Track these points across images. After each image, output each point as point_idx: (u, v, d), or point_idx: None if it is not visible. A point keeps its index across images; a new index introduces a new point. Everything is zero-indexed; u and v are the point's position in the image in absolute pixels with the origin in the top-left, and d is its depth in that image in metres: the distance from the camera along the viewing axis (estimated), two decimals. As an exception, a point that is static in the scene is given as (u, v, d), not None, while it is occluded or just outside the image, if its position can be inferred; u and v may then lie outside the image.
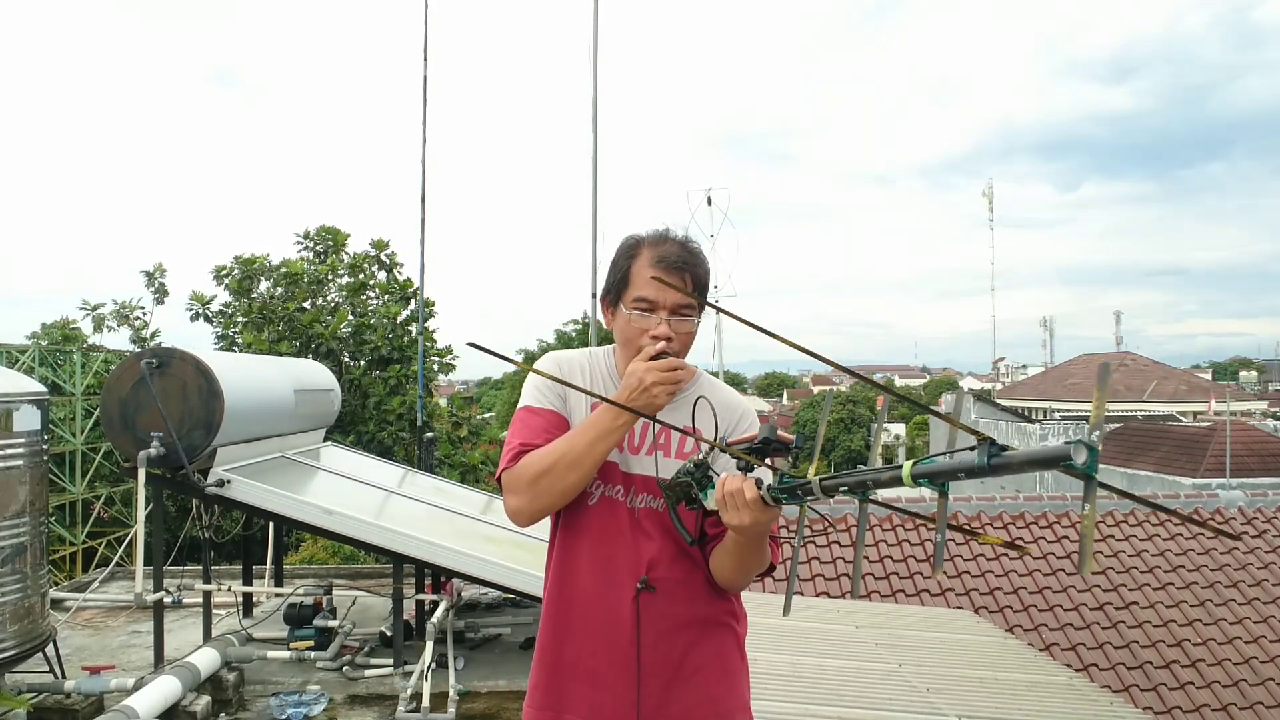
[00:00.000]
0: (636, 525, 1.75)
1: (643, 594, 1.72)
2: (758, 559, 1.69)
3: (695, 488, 1.57)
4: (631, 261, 1.77)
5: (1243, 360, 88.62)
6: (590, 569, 1.75)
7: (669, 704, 1.73)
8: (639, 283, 1.74)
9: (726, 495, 1.49)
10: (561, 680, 1.76)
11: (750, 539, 1.60)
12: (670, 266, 1.73)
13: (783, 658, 3.88)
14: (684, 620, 1.76)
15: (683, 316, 1.74)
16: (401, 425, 11.66)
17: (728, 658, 1.82)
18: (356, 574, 8.85)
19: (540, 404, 1.81)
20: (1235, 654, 6.35)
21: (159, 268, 13.55)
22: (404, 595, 5.59)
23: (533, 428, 1.78)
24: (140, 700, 4.33)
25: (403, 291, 12.58)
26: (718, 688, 1.79)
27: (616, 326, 1.80)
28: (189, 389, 5.22)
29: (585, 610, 1.75)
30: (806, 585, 7.16)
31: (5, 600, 4.57)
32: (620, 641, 1.72)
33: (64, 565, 10.88)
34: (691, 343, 1.79)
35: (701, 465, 1.57)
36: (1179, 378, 30.06)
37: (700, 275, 1.77)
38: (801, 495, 1.42)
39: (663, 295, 1.72)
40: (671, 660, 1.74)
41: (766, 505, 1.47)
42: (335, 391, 7.73)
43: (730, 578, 1.75)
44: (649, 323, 1.73)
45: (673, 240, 1.78)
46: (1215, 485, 10.34)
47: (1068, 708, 3.57)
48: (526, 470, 1.72)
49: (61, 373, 11.79)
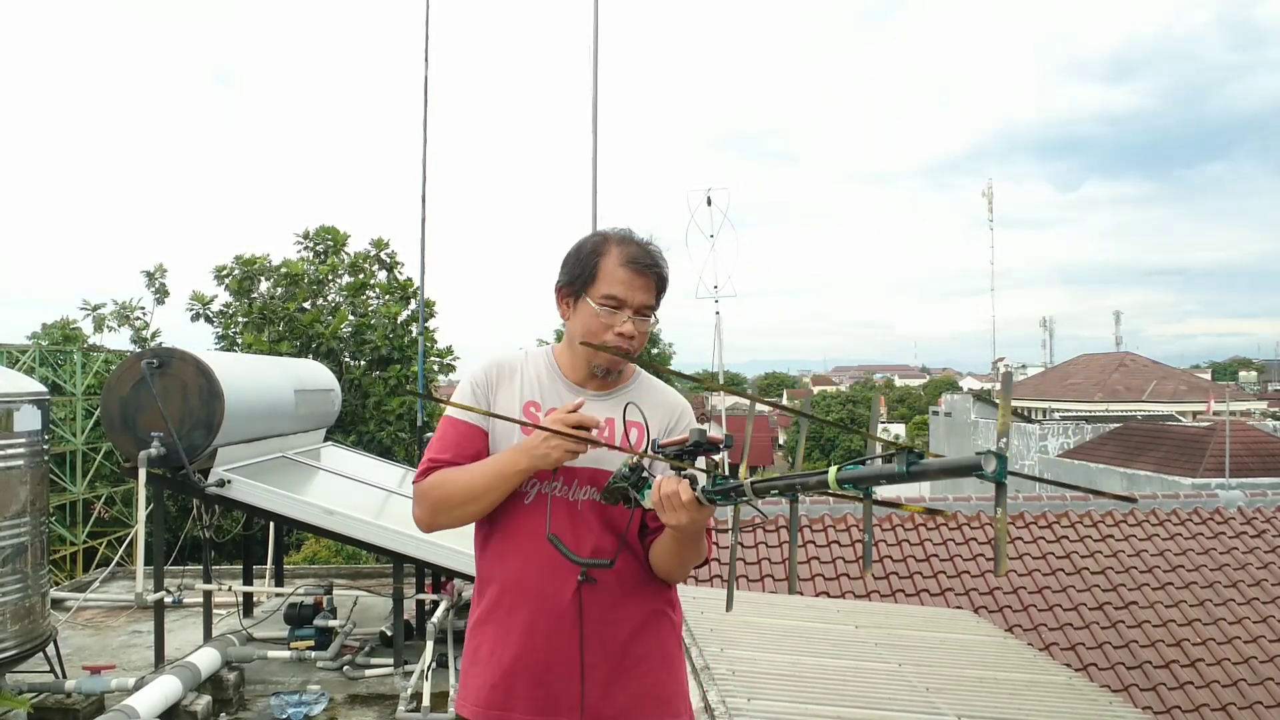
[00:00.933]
0: (577, 517, 1.78)
1: (584, 585, 1.75)
2: (695, 552, 1.76)
3: (633, 490, 1.63)
4: (600, 259, 1.80)
5: (1242, 360, 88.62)
6: (530, 564, 1.78)
7: (613, 695, 1.77)
8: (608, 280, 1.78)
9: (663, 497, 1.57)
10: (508, 679, 1.77)
11: (688, 535, 1.67)
12: (641, 267, 1.78)
13: (783, 658, 3.88)
14: (625, 611, 1.80)
15: (644, 317, 1.81)
16: (401, 425, 11.68)
17: (668, 647, 1.86)
18: (357, 574, 8.86)
19: (460, 415, 1.85)
20: (1234, 654, 6.36)
21: (159, 268, 13.57)
22: (404, 595, 5.59)
23: (445, 441, 1.83)
24: (141, 700, 4.33)
25: (403, 291, 12.59)
26: (660, 676, 1.83)
27: (577, 319, 1.83)
28: (189, 389, 5.22)
29: (528, 605, 1.77)
30: (806, 585, 7.16)
31: (6, 600, 4.57)
32: (563, 634, 1.75)
33: (64, 565, 10.89)
34: (646, 340, 1.85)
35: (636, 468, 1.63)
36: (1179, 378, 30.04)
37: (664, 279, 1.85)
38: (735, 496, 1.49)
39: (631, 295, 1.78)
40: (614, 651, 1.78)
41: (701, 505, 1.54)
42: (335, 391, 7.73)
43: (668, 570, 1.82)
44: (615, 320, 1.78)
45: (639, 242, 1.84)
46: (1215, 485, 10.34)
47: (1067, 707, 3.58)
48: (431, 491, 1.79)
49: (62, 373, 11.80)
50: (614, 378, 1.88)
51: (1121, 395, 27.42)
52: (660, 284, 1.83)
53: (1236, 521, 8.05)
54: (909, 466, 1.22)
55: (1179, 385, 28.58)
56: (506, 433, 1.83)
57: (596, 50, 7.93)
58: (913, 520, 8.00)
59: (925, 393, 59.27)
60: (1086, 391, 28.50)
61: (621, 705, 1.77)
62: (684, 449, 1.55)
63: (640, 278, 1.78)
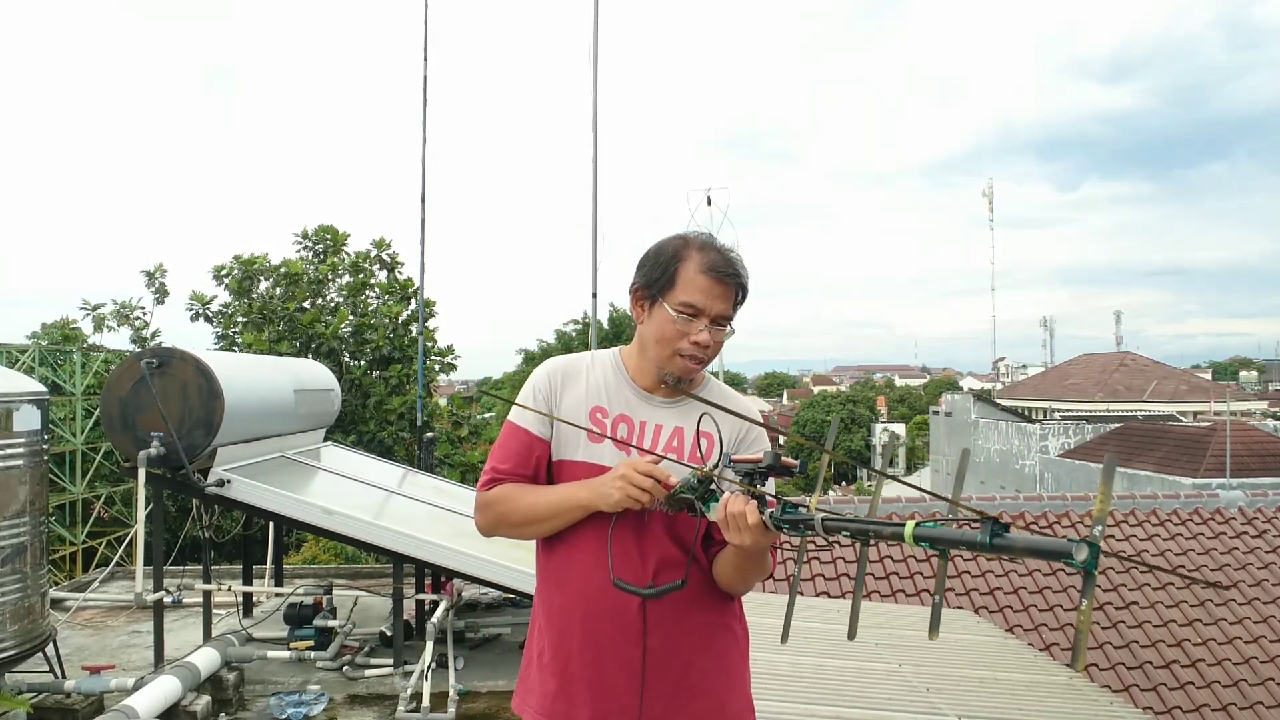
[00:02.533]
0: (643, 528, 1.74)
1: (648, 600, 1.71)
2: (758, 568, 1.73)
3: (699, 501, 1.59)
4: (680, 264, 1.74)
5: (1243, 360, 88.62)
6: (595, 576, 1.73)
7: (674, 710, 1.73)
8: (688, 287, 1.73)
9: (730, 516, 1.52)
10: (570, 687, 1.75)
11: (751, 553, 1.63)
12: (722, 276, 1.73)
13: (783, 658, 3.88)
14: (689, 625, 1.76)
15: (720, 326, 1.76)
16: (402, 425, 11.67)
17: (731, 663, 1.82)
18: (356, 574, 8.85)
19: (521, 421, 1.81)
20: (1235, 654, 6.35)
21: (159, 268, 13.56)
22: (404, 595, 5.59)
23: (508, 449, 1.81)
24: (140, 700, 4.33)
25: (403, 291, 12.59)
26: (723, 694, 1.79)
27: (652, 324, 1.77)
28: (189, 389, 5.22)
29: (591, 617, 1.74)
30: (806, 586, 7.16)
31: (5, 600, 4.57)
32: (626, 648, 1.72)
33: (64, 565, 10.88)
34: (719, 351, 1.81)
35: (705, 480, 1.58)
36: (1179, 378, 30.04)
37: (745, 289, 1.79)
38: (803, 529, 1.45)
39: (709, 304, 1.72)
40: (677, 666, 1.74)
41: (767, 529, 1.50)
42: (335, 391, 7.72)
43: (731, 583, 1.78)
44: (692, 328, 1.73)
45: (721, 249, 1.78)
46: (1215, 485, 10.34)
47: (1067, 708, 3.58)
48: (494, 505, 1.79)
49: (61, 373, 11.79)
50: (686, 385, 1.81)
51: (1122, 395, 27.42)
52: (740, 294, 1.78)
53: (1237, 521, 8.04)
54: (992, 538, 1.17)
55: (1179, 385, 28.58)
56: (572, 440, 1.79)
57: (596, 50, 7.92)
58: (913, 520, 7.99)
59: (925, 393, 59.26)
60: (1087, 391, 28.49)
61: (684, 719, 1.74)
62: (756, 469, 1.52)
63: (720, 286, 1.73)
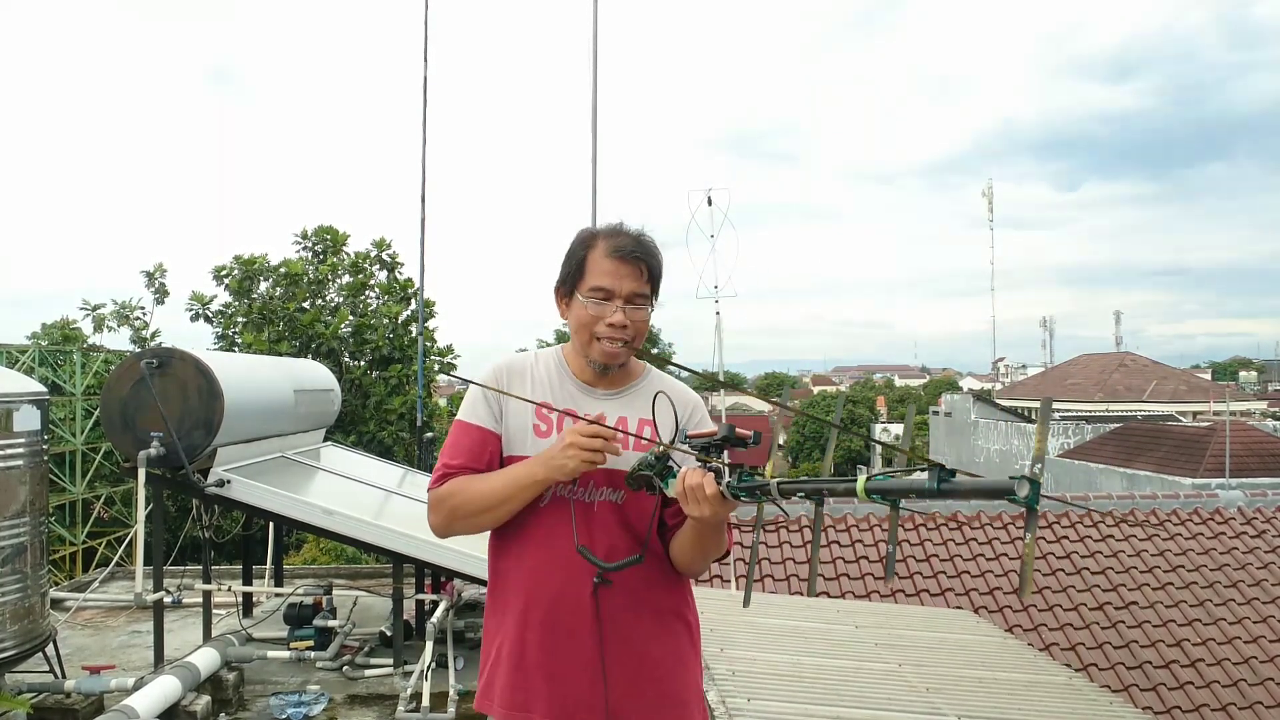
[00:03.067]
0: (594, 519, 1.78)
1: (601, 588, 1.75)
2: (715, 544, 1.76)
3: (657, 478, 1.64)
4: (587, 252, 1.81)
5: (1242, 360, 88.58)
6: (547, 566, 1.78)
7: (632, 697, 1.77)
8: (595, 272, 1.78)
9: (688, 489, 1.56)
10: (529, 679, 1.78)
11: (709, 527, 1.68)
12: (626, 256, 1.77)
13: (783, 658, 3.88)
14: (642, 612, 1.80)
15: (637, 305, 1.79)
16: (402, 425, 11.67)
17: (683, 650, 1.87)
18: (356, 574, 8.85)
19: (471, 418, 1.85)
20: (1234, 654, 6.35)
21: (159, 268, 13.59)
22: (404, 595, 5.59)
23: (459, 446, 1.83)
24: (140, 700, 4.33)
25: (403, 291, 12.59)
26: (677, 681, 1.83)
27: (572, 315, 1.83)
28: (189, 389, 5.22)
29: (546, 607, 1.77)
30: (805, 585, 7.16)
31: (5, 600, 4.57)
32: (581, 637, 1.75)
33: (64, 565, 10.89)
34: (646, 330, 1.84)
35: (663, 458, 1.64)
36: (1179, 378, 30.01)
37: (654, 266, 1.82)
38: (760, 495, 1.49)
39: (618, 284, 1.77)
40: (632, 654, 1.78)
41: (725, 500, 1.54)
42: (335, 391, 7.72)
43: (689, 561, 1.82)
44: (605, 311, 1.77)
45: (627, 232, 1.83)
46: (1215, 485, 10.33)
47: (1067, 707, 3.58)
48: (447, 499, 1.78)
49: (61, 373, 11.80)
50: (614, 372, 1.85)
51: (1121, 395, 27.40)
52: (651, 272, 1.81)
53: (1236, 522, 8.04)
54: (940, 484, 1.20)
55: (1179, 385, 28.55)
56: (520, 435, 1.82)
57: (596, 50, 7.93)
58: (913, 520, 7.99)
59: (925, 393, 59.23)
60: (1086, 391, 28.48)
61: (641, 707, 1.77)
62: (712, 442, 1.57)
63: (626, 265, 1.77)
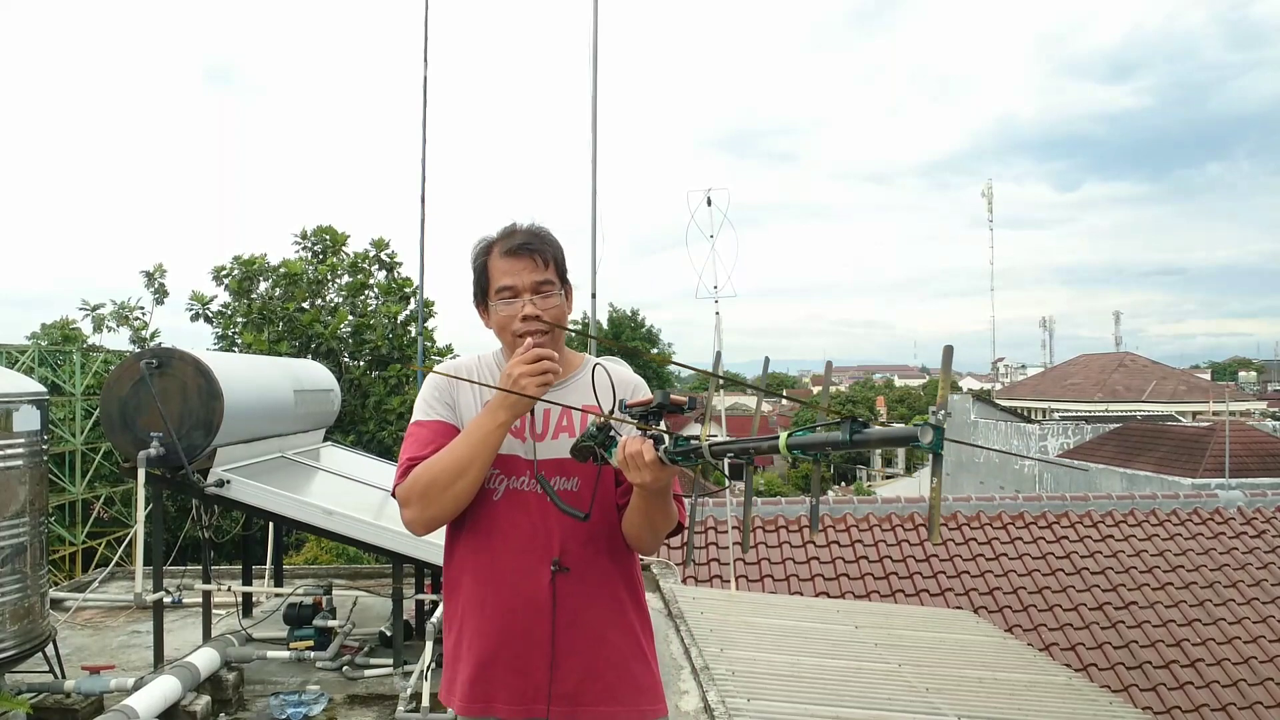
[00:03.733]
0: (547, 509, 1.81)
1: (558, 575, 1.79)
2: (664, 515, 1.78)
3: (600, 448, 1.69)
4: (486, 259, 1.87)
5: (1242, 360, 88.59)
6: (505, 559, 1.81)
7: (588, 683, 1.80)
8: (496, 274, 1.84)
9: (628, 456, 1.60)
10: (488, 670, 1.82)
11: (654, 495, 1.71)
12: (518, 250, 1.83)
13: (783, 658, 3.88)
14: (598, 598, 1.83)
15: (545, 294, 1.84)
16: (401, 425, 11.67)
17: (641, 637, 1.90)
18: (356, 574, 8.84)
19: (428, 416, 1.89)
20: (1234, 654, 6.36)
21: (159, 268, 13.58)
22: (404, 595, 5.59)
23: (420, 440, 1.86)
24: (140, 700, 4.32)
25: (402, 291, 12.59)
26: (636, 668, 1.86)
27: (492, 322, 1.89)
28: (189, 389, 5.21)
29: (503, 597, 1.81)
30: (806, 585, 7.16)
31: (5, 600, 4.56)
32: (539, 624, 1.79)
33: (64, 565, 10.90)
34: (564, 315, 1.88)
35: (604, 428, 1.68)
36: (1178, 378, 30.03)
37: (549, 252, 1.86)
38: (695, 458, 1.54)
39: (520, 279, 1.83)
40: (589, 640, 1.81)
41: (664, 465, 1.58)
42: (335, 391, 7.71)
43: (640, 534, 1.84)
44: (515, 308, 1.83)
45: (518, 229, 1.88)
46: (1214, 485, 10.33)
47: (1067, 708, 3.58)
48: (416, 484, 1.79)
49: (61, 373, 11.80)
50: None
51: (1121, 395, 27.42)
52: (547, 258, 1.85)
53: (1236, 521, 8.05)
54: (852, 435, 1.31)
55: (1179, 385, 28.58)
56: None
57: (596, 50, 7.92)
58: (913, 521, 8.00)
59: (925, 393, 59.24)
60: (1086, 391, 28.49)
61: (600, 692, 1.81)
62: (649, 410, 1.62)
63: (521, 260, 1.82)
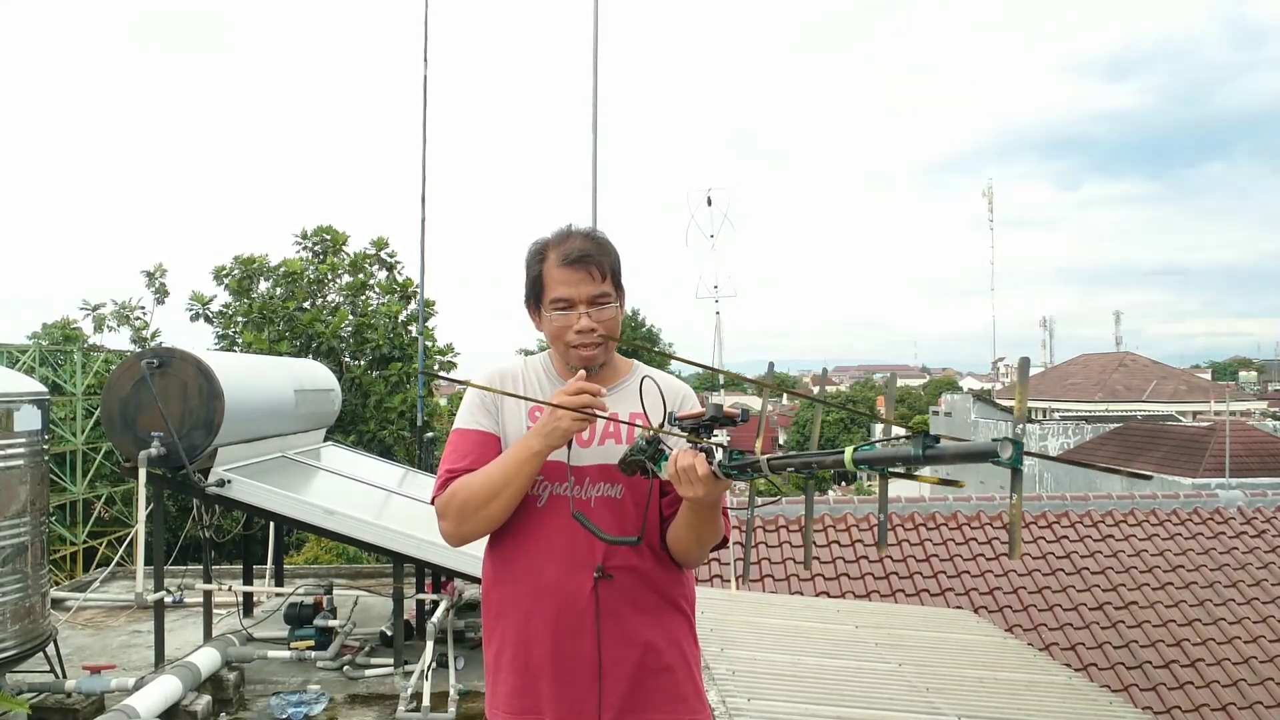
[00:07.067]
0: (591, 515, 1.78)
1: (601, 582, 1.76)
2: (712, 530, 1.76)
3: (649, 462, 1.65)
4: (542, 267, 1.83)
5: (1242, 360, 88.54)
6: (547, 566, 1.79)
7: (635, 693, 1.77)
8: (552, 284, 1.81)
9: (680, 470, 1.57)
10: (533, 681, 1.78)
11: (704, 509, 1.68)
12: (575, 262, 1.79)
13: (783, 658, 3.88)
14: (642, 606, 1.80)
15: (601, 306, 1.81)
16: (402, 424, 11.67)
17: (684, 644, 1.87)
18: (357, 574, 8.85)
19: (468, 425, 1.87)
20: (1234, 654, 6.36)
21: (159, 268, 13.57)
22: (404, 595, 5.59)
23: (459, 451, 1.84)
24: (141, 700, 4.33)
25: (403, 291, 12.58)
26: (680, 675, 1.83)
27: (544, 328, 1.86)
28: (189, 389, 5.22)
29: (545, 606, 1.78)
30: (806, 585, 7.16)
31: (6, 600, 4.57)
32: (583, 634, 1.76)
33: (65, 565, 10.90)
34: (617, 328, 1.85)
35: (654, 441, 1.64)
36: (1179, 378, 30.03)
37: (606, 263, 1.83)
38: (751, 472, 1.50)
39: (576, 291, 1.79)
40: (634, 648, 1.78)
41: (717, 479, 1.54)
42: (335, 391, 7.72)
43: (686, 548, 1.81)
44: (570, 319, 1.80)
45: (575, 235, 1.84)
46: (1215, 485, 10.33)
47: (1067, 707, 3.58)
48: (453, 500, 1.78)
49: (62, 373, 11.80)
50: (598, 372, 1.86)
51: (1121, 395, 27.41)
52: (604, 270, 1.82)
53: (1236, 521, 8.05)
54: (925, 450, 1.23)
55: (1179, 385, 28.57)
56: (517, 438, 1.83)
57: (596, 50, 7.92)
58: (913, 520, 8.00)
59: (925, 393, 59.24)
60: (1087, 391, 28.48)
61: (643, 703, 1.78)
62: (701, 423, 1.58)
63: (579, 271, 1.79)
